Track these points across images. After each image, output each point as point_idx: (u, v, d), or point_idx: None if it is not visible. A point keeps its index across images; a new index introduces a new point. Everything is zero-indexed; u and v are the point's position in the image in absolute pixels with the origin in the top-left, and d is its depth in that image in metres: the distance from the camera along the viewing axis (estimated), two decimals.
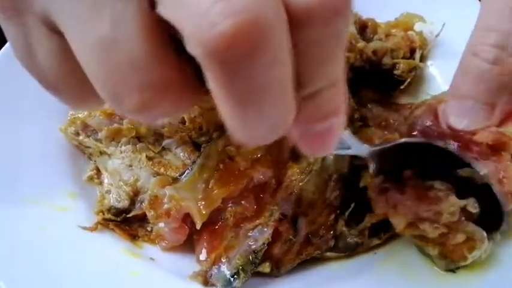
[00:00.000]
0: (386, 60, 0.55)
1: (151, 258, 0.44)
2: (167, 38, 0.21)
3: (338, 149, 0.41)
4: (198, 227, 0.43)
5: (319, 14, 0.19)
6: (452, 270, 0.41)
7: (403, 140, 0.43)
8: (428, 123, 0.46)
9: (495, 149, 0.43)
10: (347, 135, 0.40)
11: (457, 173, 0.41)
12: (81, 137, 0.50)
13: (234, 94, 0.19)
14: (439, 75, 0.57)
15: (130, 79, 0.21)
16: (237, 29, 0.17)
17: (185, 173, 0.45)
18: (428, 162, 0.41)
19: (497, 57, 0.39)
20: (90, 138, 0.50)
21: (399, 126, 0.49)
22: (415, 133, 0.46)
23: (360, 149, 0.41)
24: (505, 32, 0.39)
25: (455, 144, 0.43)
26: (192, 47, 0.18)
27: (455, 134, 0.44)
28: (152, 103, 0.21)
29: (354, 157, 0.48)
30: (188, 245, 0.45)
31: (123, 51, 0.20)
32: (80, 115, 0.50)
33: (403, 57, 0.56)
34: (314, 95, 0.22)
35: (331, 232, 0.44)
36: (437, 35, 0.57)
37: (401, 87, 0.55)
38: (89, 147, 0.50)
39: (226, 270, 0.41)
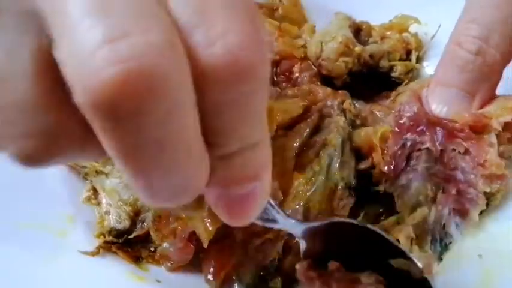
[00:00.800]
0: (384, 63, 0.55)
1: (158, 281, 0.42)
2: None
3: (263, 221, 0.35)
4: (205, 245, 0.41)
5: (226, 76, 0.17)
6: None
7: (336, 219, 0.40)
8: (416, 109, 0.46)
9: (478, 132, 0.43)
10: (274, 207, 0.35)
11: (391, 263, 0.38)
12: None
13: (124, 152, 0.17)
14: None
15: (16, 123, 0.18)
16: (123, 78, 0.15)
17: None
18: (364, 247, 0.38)
19: (480, 49, 0.40)
20: None
21: (385, 118, 0.49)
22: (403, 121, 0.46)
23: (288, 224, 0.36)
24: (488, 24, 0.40)
25: (442, 131, 0.44)
26: (75, 96, 0.16)
27: (441, 121, 0.44)
28: (42, 151, 0.19)
29: (358, 163, 0.48)
30: (195, 264, 0.43)
31: (12, 91, 0.18)
32: None
33: (399, 59, 0.56)
34: (231, 156, 0.19)
35: None
36: (432, 37, 0.57)
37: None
38: (85, 167, 0.48)
39: None
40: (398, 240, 0.41)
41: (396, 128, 0.46)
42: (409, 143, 0.45)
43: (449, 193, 0.43)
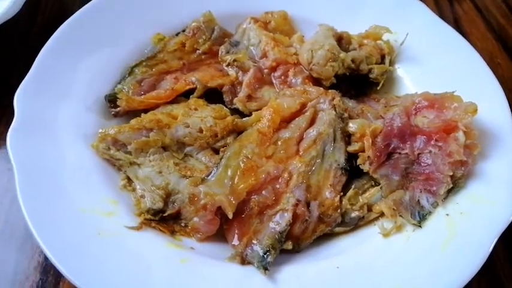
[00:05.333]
0: (363, 67, 0.66)
1: (192, 248, 0.51)
2: None
3: None
4: (231, 216, 0.51)
5: None
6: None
7: None
8: (404, 122, 0.58)
9: (449, 133, 0.56)
10: None
11: None
12: (112, 151, 0.56)
13: None
14: (406, 76, 0.68)
15: None
16: None
17: (212, 173, 0.53)
18: None
19: None
20: (120, 151, 0.57)
21: (374, 119, 0.59)
22: (390, 129, 0.57)
23: None
24: None
25: (422, 138, 0.56)
26: None
27: (420, 130, 0.56)
28: None
29: (348, 145, 0.58)
30: (218, 236, 0.53)
31: None
32: (110, 132, 0.56)
33: (375, 63, 0.67)
34: None
35: (338, 210, 0.54)
36: (402, 43, 0.68)
37: (378, 88, 0.66)
38: (120, 160, 0.57)
39: (259, 249, 0.49)
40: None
41: (387, 129, 0.58)
42: (392, 145, 0.57)
43: (419, 180, 0.55)
